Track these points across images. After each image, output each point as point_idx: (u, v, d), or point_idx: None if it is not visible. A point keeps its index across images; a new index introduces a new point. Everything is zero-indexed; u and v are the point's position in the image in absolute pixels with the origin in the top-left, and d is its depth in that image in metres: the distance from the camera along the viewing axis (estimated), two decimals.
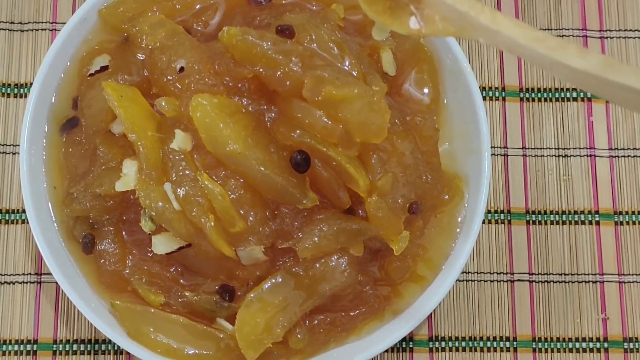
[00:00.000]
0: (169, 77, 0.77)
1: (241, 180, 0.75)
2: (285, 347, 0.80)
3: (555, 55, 0.56)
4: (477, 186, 0.83)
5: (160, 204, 0.75)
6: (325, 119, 0.74)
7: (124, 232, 0.81)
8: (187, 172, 0.75)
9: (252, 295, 0.77)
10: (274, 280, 0.77)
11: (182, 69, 0.77)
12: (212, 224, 0.74)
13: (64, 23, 0.90)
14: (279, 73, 0.75)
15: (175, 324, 0.79)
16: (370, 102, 0.73)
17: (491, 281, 0.90)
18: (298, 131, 0.75)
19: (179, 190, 0.74)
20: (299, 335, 0.79)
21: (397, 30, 0.65)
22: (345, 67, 0.76)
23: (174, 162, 0.75)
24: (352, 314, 0.82)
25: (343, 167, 0.75)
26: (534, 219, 0.91)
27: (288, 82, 0.75)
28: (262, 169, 0.74)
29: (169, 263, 0.80)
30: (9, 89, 0.92)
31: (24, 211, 0.88)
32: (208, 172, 0.75)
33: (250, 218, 0.75)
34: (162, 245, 0.77)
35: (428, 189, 0.81)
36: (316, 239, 0.76)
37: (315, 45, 0.77)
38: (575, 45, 0.56)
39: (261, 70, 0.75)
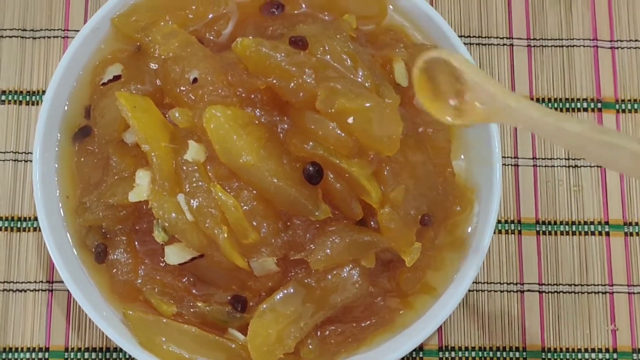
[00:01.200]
0: (182, 88, 0.77)
1: (254, 191, 0.75)
2: (297, 358, 0.80)
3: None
4: (489, 197, 0.83)
5: (173, 214, 0.75)
6: (338, 131, 0.74)
7: (136, 242, 0.81)
8: (200, 183, 0.75)
9: (264, 306, 0.77)
10: (285, 291, 0.77)
11: (195, 80, 0.77)
12: (225, 235, 0.74)
13: (77, 31, 0.91)
14: (292, 84, 0.75)
15: (187, 334, 0.79)
16: (383, 115, 0.74)
17: (501, 291, 0.90)
18: (311, 143, 0.75)
19: (192, 201, 0.75)
20: (310, 346, 0.79)
21: (437, 117, 0.71)
22: (359, 79, 0.77)
23: (187, 173, 0.75)
24: (363, 324, 0.82)
25: (356, 179, 0.75)
26: (544, 229, 0.91)
27: (301, 94, 0.75)
28: (275, 180, 0.74)
29: (181, 273, 0.80)
30: (21, 97, 0.92)
31: (35, 219, 0.89)
32: (221, 183, 0.75)
33: (263, 229, 0.75)
34: (174, 255, 0.77)
35: (440, 200, 0.81)
36: (328, 251, 0.76)
37: (328, 56, 0.77)
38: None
39: (274, 81, 0.76)
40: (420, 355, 0.88)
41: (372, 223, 0.78)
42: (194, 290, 0.80)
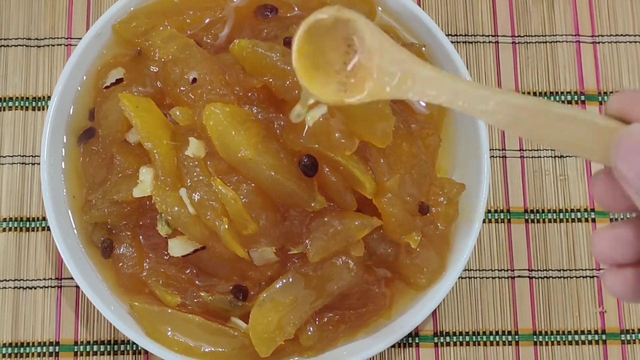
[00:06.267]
0: (182, 88, 0.81)
1: (252, 184, 0.78)
2: (297, 344, 0.83)
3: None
4: (477, 188, 0.86)
5: (176, 208, 0.78)
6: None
7: (140, 237, 0.84)
8: (201, 177, 0.78)
9: (264, 295, 0.80)
10: (284, 281, 0.80)
11: (194, 80, 0.80)
12: (226, 226, 0.77)
13: (79, 38, 0.94)
14: (287, 83, 0.78)
15: (192, 324, 0.82)
16: (375, 109, 0.77)
17: (492, 278, 0.93)
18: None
19: (193, 195, 0.78)
20: (309, 333, 0.82)
21: (319, 95, 0.62)
22: None
23: (188, 168, 0.79)
24: (359, 311, 0.85)
25: (350, 171, 0.78)
26: (532, 217, 0.95)
27: (296, 92, 0.78)
28: (273, 173, 0.77)
29: (184, 265, 0.83)
30: (27, 102, 0.96)
31: (44, 219, 0.92)
32: (221, 177, 0.78)
33: (262, 221, 0.78)
34: (178, 248, 0.80)
35: (431, 191, 0.84)
36: (323, 243, 0.79)
37: None
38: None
39: (270, 80, 0.79)
40: (417, 341, 0.91)
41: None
42: (197, 281, 0.83)
